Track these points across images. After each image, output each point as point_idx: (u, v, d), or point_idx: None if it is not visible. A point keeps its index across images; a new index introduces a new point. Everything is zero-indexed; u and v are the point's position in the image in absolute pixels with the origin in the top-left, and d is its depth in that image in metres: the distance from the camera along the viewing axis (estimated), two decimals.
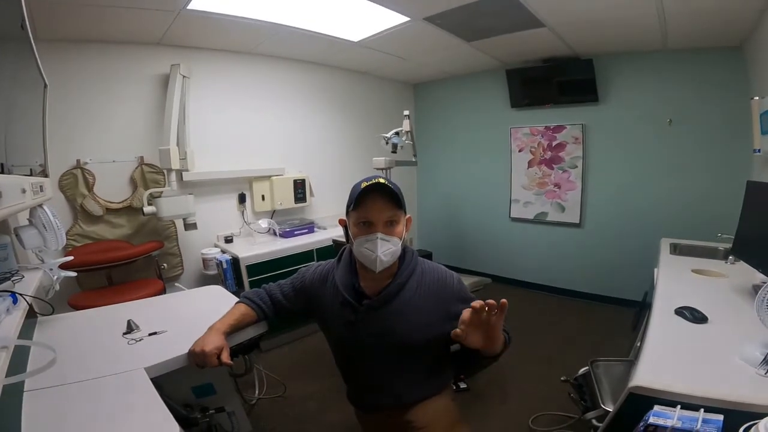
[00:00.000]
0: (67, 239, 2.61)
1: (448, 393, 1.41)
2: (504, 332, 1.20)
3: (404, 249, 1.27)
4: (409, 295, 1.22)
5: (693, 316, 1.46)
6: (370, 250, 1.15)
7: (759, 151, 2.50)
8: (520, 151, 4.35)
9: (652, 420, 0.95)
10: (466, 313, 1.00)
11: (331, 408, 2.44)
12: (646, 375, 1.11)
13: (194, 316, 1.59)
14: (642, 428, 0.96)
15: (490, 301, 0.97)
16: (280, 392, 2.60)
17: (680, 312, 1.50)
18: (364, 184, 1.15)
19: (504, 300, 0.98)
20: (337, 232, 3.53)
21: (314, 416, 2.39)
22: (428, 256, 3.69)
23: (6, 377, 0.83)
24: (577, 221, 4.07)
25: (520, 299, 4.18)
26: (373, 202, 1.16)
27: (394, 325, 1.20)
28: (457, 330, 1.01)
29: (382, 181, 1.16)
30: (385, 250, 1.15)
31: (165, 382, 1.24)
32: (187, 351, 1.24)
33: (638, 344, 1.69)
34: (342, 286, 1.26)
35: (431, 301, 1.23)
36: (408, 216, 1.25)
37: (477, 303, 0.97)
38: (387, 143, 3.21)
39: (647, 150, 3.62)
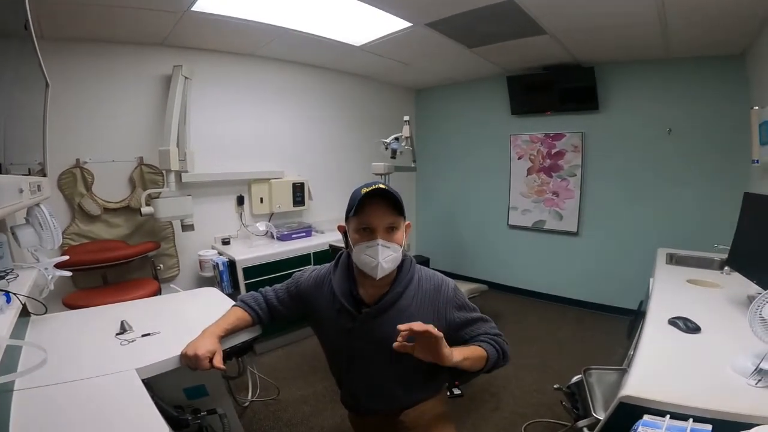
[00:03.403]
0: (64, 238, 2.62)
1: (440, 395, 1.41)
2: (494, 346, 1.22)
3: (402, 256, 1.26)
4: (406, 303, 1.22)
5: (686, 326, 1.46)
6: (371, 256, 1.14)
7: (757, 161, 2.51)
8: (519, 158, 4.36)
9: (641, 430, 0.95)
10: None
11: (324, 412, 2.44)
12: (637, 384, 1.11)
13: (188, 318, 1.59)
14: None
15: (414, 326, 1.02)
16: (273, 395, 2.59)
17: (674, 322, 1.50)
18: (364, 190, 1.14)
19: (428, 329, 1.02)
20: (335, 237, 3.53)
21: (307, 420, 2.38)
22: (426, 262, 3.69)
23: None
24: (575, 230, 4.07)
25: (516, 306, 4.19)
26: (374, 208, 1.15)
27: (392, 333, 1.19)
28: (395, 344, 1.06)
29: (382, 186, 1.15)
30: (386, 256, 1.15)
31: (156, 383, 1.24)
32: (179, 353, 1.23)
33: (631, 353, 1.69)
34: (339, 293, 1.25)
35: (428, 308, 1.22)
36: (407, 222, 1.24)
37: (401, 326, 1.03)
38: (386, 148, 3.21)
39: (646, 159, 3.63)
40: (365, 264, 1.16)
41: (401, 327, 1.03)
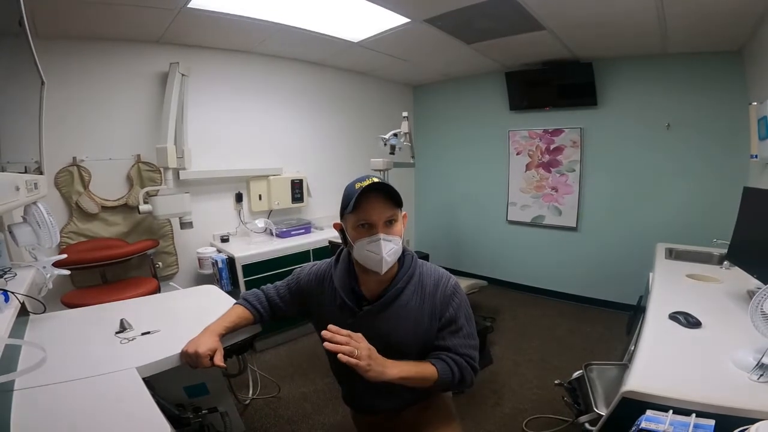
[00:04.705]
0: (62, 236, 2.61)
1: (444, 393, 1.40)
2: (452, 367, 1.17)
3: (403, 252, 1.25)
4: (406, 299, 1.21)
5: (687, 321, 1.46)
6: (374, 252, 1.12)
7: (756, 156, 2.51)
8: (518, 154, 4.35)
9: (644, 425, 0.95)
10: None
11: (325, 409, 2.44)
12: (639, 380, 1.11)
13: (188, 316, 1.59)
14: None
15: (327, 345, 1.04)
16: (274, 393, 2.59)
17: (674, 317, 1.50)
18: (358, 185, 1.13)
19: (337, 351, 1.02)
20: (334, 233, 3.51)
21: (308, 417, 2.38)
22: (425, 258, 3.68)
23: None
24: (574, 225, 4.08)
25: (515, 302, 4.19)
26: (372, 202, 1.12)
27: (392, 329, 1.19)
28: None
29: (377, 180, 1.14)
30: (388, 250, 1.13)
31: (157, 381, 1.24)
32: (179, 351, 1.23)
33: (632, 348, 1.69)
34: (341, 289, 1.25)
35: (428, 304, 1.21)
36: (404, 213, 1.23)
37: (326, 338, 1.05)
38: (385, 144, 3.21)
39: (645, 154, 3.63)
40: (368, 259, 1.15)
41: (326, 334, 1.05)
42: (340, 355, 1.01)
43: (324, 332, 1.05)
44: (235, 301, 1.46)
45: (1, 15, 1.35)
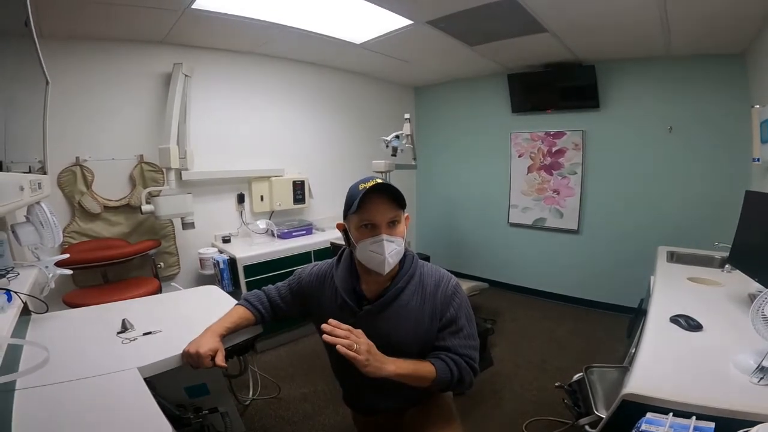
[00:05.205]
0: (64, 236, 2.62)
1: (445, 393, 1.40)
2: (451, 367, 1.17)
3: (405, 252, 1.26)
4: (407, 299, 1.21)
5: (688, 324, 1.46)
6: (377, 252, 1.13)
7: (758, 160, 2.51)
8: (519, 156, 4.35)
9: (644, 427, 0.95)
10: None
11: (325, 410, 2.44)
12: (640, 382, 1.11)
13: (189, 316, 1.59)
14: None
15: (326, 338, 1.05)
16: (274, 393, 2.59)
17: (675, 320, 1.51)
18: (362, 186, 1.13)
19: (337, 345, 1.02)
20: (336, 234, 3.52)
21: (309, 418, 2.38)
22: (426, 259, 3.68)
23: None
24: (575, 228, 4.07)
25: (516, 304, 4.19)
26: (376, 203, 1.13)
27: (392, 329, 1.19)
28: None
29: (380, 181, 1.15)
30: (391, 251, 1.14)
31: (158, 381, 1.24)
32: (181, 351, 1.23)
33: (633, 351, 1.69)
34: (342, 289, 1.25)
35: (428, 304, 1.22)
36: (406, 214, 1.23)
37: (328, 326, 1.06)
38: (387, 146, 3.21)
39: (647, 157, 3.62)
40: (371, 260, 1.16)
41: (326, 327, 1.06)
42: (338, 347, 1.01)
43: (324, 326, 1.05)
44: (236, 301, 1.47)
45: (7, 16, 1.36)
